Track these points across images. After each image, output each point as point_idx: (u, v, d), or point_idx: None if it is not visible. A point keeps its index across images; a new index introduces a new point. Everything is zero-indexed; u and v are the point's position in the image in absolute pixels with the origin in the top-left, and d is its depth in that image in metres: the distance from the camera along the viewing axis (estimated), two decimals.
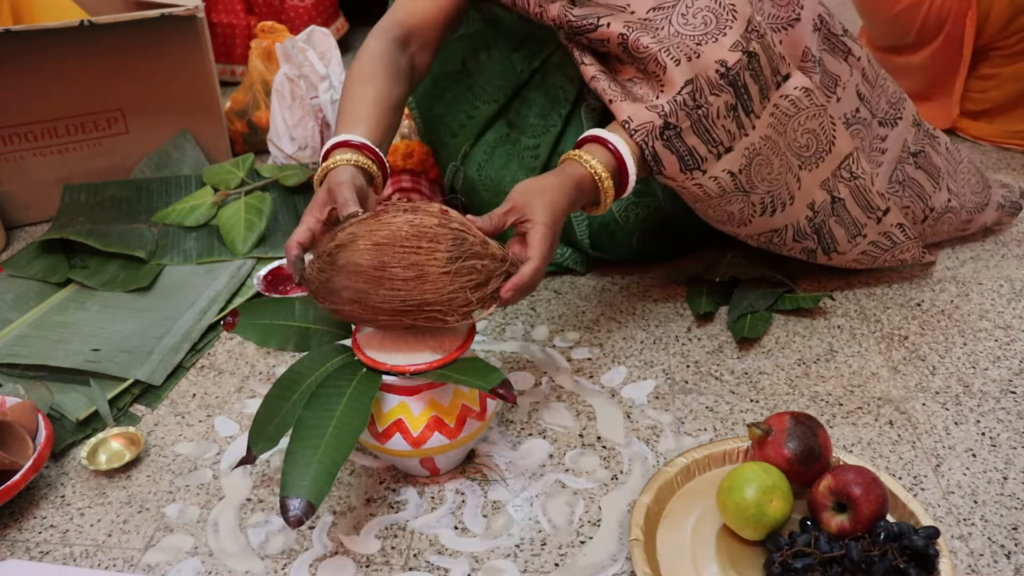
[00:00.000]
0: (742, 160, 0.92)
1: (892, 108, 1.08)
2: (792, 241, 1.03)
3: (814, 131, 0.96)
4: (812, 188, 0.99)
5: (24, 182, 1.33)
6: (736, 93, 0.89)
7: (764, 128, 0.92)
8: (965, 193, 1.16)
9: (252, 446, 0.76)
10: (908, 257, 1.09)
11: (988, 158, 1.49)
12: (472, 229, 0.78)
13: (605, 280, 1.18)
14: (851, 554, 0.69)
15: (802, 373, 0.99)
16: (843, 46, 1.01)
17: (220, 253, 1.24)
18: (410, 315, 0.75)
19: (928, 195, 1.10)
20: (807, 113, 0.94)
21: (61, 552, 0.79)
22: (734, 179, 0.93)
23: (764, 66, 0.90)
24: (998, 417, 0.91)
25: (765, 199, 0.96)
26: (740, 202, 0.95)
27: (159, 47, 1.32)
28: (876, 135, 1.06)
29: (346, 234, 0.76)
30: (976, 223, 1.19)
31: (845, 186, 1.00)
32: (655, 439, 0.90)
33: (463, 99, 1.13)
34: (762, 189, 0.95)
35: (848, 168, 0.99)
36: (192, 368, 1.03)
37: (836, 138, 0.97)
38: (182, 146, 1.41)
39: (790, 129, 0.94)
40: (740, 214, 0.97)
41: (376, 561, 0.77)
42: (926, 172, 1.10)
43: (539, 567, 0.76)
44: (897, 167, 1.08)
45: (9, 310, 1.12)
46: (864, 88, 1.04)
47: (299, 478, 0.70)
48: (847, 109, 1.02)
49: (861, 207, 1.02)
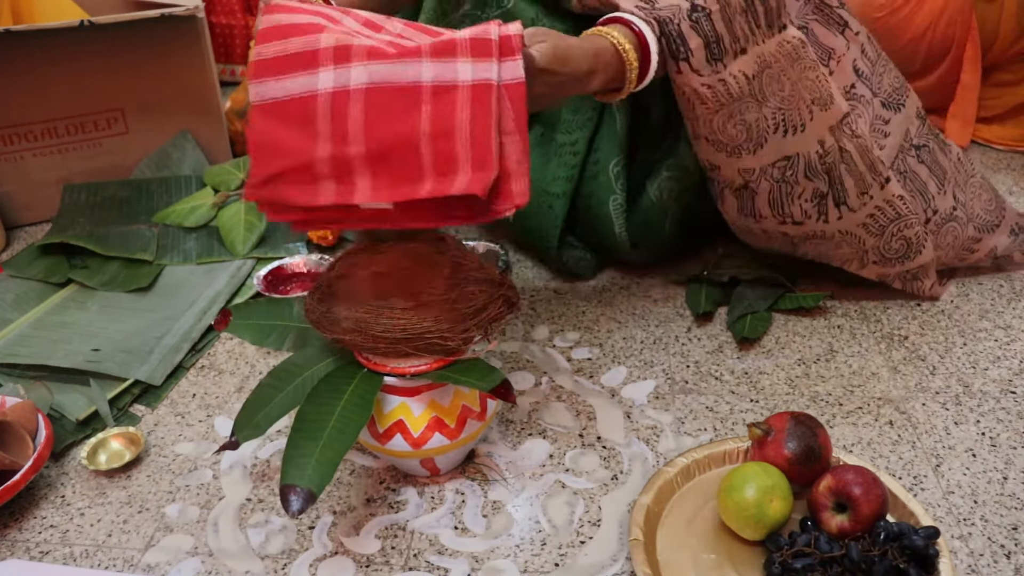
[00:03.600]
0: (754, 66, 0.88)
1: (895, 92, 1.05)
2: (804, 178, 0.97)
3: (813, 80, 0.93)
4: (822, 127, 0.95)
5: (24, 182, 1.33)
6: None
7: (773, 49, 0.90)
8: (974, 208, 1.10)
9: (236, 432, 0.76)
10: (912, 236, 1.02)
11: (998, 160, 1.49)
12: (469, 255, 0.78)
13: (605, 280, 1.18)
14: (851, 554, 0.69)
15: (802, 373, 0.99)
16: (839, 19, 0.99)
17: (220, 253, 1.24)
18: (411, 343, 0.74)
19: (931, 194, 1.07)
20: (804, 63, 0.92)
21: (61, 552, 0.79)
22: (749, 83, 0.88)
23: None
24: (998, 417, 0.91)
25: (777, 115, 0.92)
26: (755, 111, 0.90)
27: (159, 47, 1.32)
28: (879, 115, 1.02)
29: (345, 264, 0.77)
30: (985, 245, 1.12)
31: (849, 141, 0.97)
32: (655, 439, 0.90)
33: None
34: (774, 103, 0.91)
35: (849, 126, 0.96)
36: (192, 368, 1.03)
37: (833, 95, 0.95)
38: (182, 146, 1.41)
39: (797, 67, 0.92)
40: (756, 127, 0.92)
41: (376, 561, 0.77)
42: (929, 169, 1.07)
43: (539, 567, 0.76)
44: (899, 155, 1.04)
45: (9, 310, 1.12)
46: (863, 64, 1.01)
47: (300, 467, 0.69)
48: (841, 84, 1.00)
49: (866, 165, 0.98)
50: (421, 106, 0.67)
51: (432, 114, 0.67)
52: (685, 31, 0.84)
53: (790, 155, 0.95)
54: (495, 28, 0.70)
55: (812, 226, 1.01)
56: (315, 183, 0.68)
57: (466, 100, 0.67)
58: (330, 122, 0.67)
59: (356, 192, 0.68)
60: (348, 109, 0.67)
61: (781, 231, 1.03)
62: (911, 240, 1.02)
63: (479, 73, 0.67)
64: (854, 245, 1.03)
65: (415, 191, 0.67)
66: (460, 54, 0.68)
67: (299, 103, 0.68)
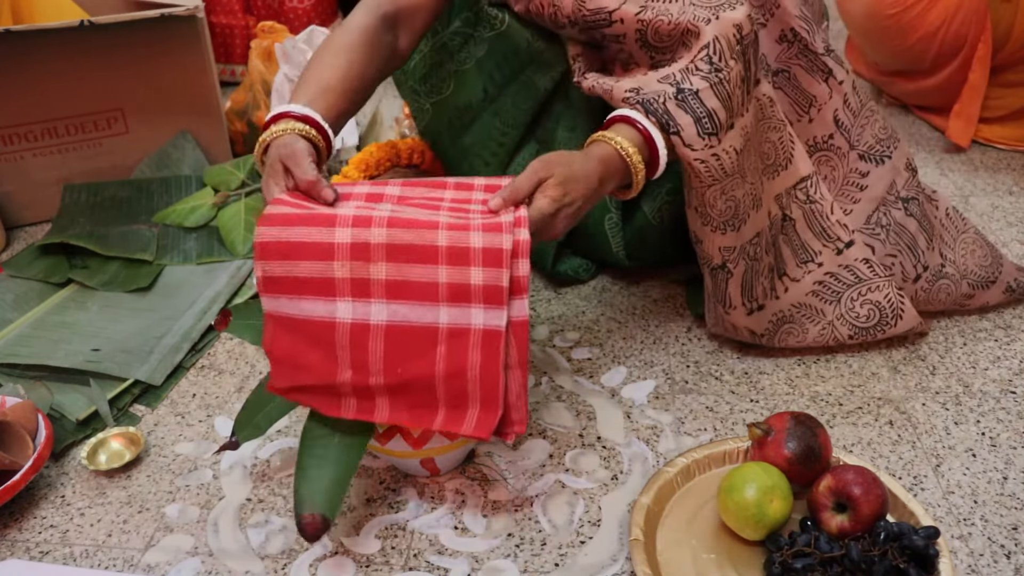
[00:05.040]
0: (740, 140, 0.88)
1: (879, 144, 1.02)
2: (765, 254, 0.96)
3: (774, 143, 0.93)
4: (768, 198, 0.95)
5: (24, 182, 1.33)
6: (745, 65, 0.86)
7: (751, 114, 0.90)
8: (968, 264, 1.05)
9: (237, 432, 0.77)
10: (883, 300, 0.98)
11: (999, 160, 1.49)
12: None
13: (605, 280, 1.18)
14: (851, 554, 0.69)
15: (802, 373, 0.99)
16: (823, 66, 0.97)
17: (220, 253, 1.24)
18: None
19: (921, 249, 1.02)
20: (770, 123, 0.93)
21: (61, 552, 0.79)
22: (737, 158, 0.88)
23: (756, 54, 0.88)
24: (998, 417, 0.91)
25: (749, 192, 0.91)
26: (740, 187, 0.90)
27: (159, 47, 1.32)
28: (854, 168, 1.01)
29: None
30: (977, 300, 1.06)
31: (799, 207, 0.96)
32: (655, 439, 0.90)
33: (490, 126, 1.10)
34: (750, 178, 0.91)
35: (804, 190, 0.95)
36: (192, 368, 1.03)
37: (794, 156, 0.94)
38: (182, 146, 1.40)
39: (760, 129, 0.92)
40: (742, 204, 0.91)
41: (376, 561, 0.77)
42: (918, 222, 1.02)
43: (539, 567, 0.76)
44: (880, 208, 1.01)
45: (9, 310, 1.12)
46: (844, 115, 0.99)
47: (312, 494, 0.73)
48: (819, 133, 0.99)
49: (814, 232, 0.97)
50: (437, 347, 0.73)
51: (447, 354, 0.73)
52: (671, 109, 0.83)
53: (760, 230, 0.94)
54: (507, 237, 0.72)
55: (771, 306, 0.98)
56: (338, 398, 0.74)
57: (477, 343, 0.72)
58: (350, 352, 0.73)
59: (376, 412, 0.74)
60: (368, 343, 0.73)
61: (747, 327, 0.99)
62: (882, 305, 0.98)
63: (490, 320, 0.72)
64: (814, 319, 0.99)
65: (430, 420, 0.74)
66: (474, 301, 0.72)
67: (318, 326, 0.73)
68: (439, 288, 0.72)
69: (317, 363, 0.73)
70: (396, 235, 0.71)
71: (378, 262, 0.72)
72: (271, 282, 0.72)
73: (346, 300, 0.72)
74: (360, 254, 0.72)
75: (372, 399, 0.74)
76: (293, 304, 0.73)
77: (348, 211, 0.73)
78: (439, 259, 0.72)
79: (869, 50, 1.62)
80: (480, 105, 1.09)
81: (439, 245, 0.71)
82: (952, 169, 1.45)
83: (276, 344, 0.73)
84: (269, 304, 0.73)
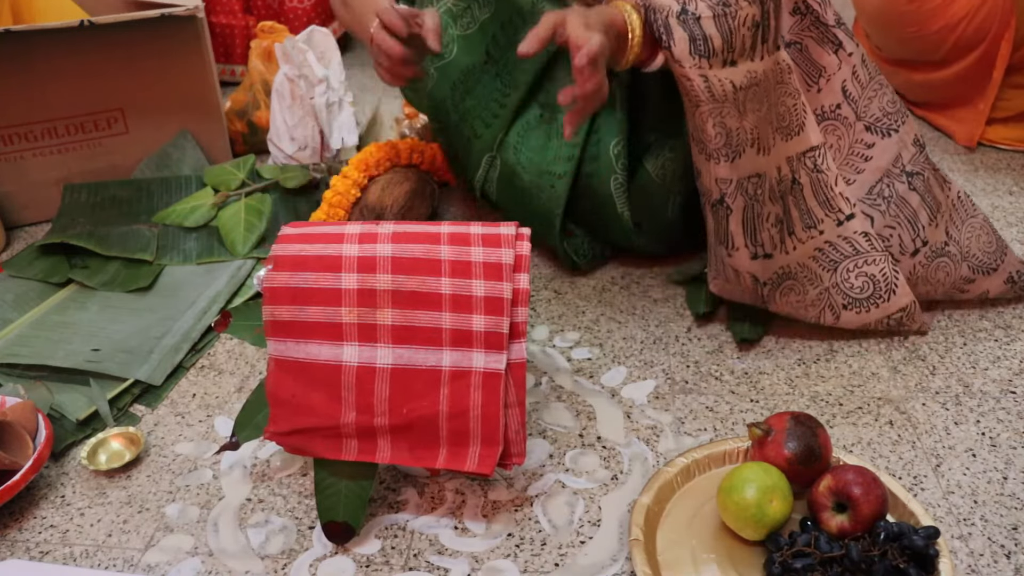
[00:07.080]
0: (744, 79, 0.89)
1: (886, 117, 1.03)
2: (768, 200, 0.97)
3: (788, 108, 0.95)
4: (780, 156, 0.96)
5: (24, 182, 1.33)
6: (763, 14, 0.88)
7: (765, 67, 0.91)
8: (971, 247, 1.06)
9: (237, 432, 0.79)
10: (878, 273, 0.99)
11: (999, 160, 1.49)
12: None
13: (605, 280, 1.18)
14: (851, 554, 0.69)
15: (802, 373, 0.99)
16: (834, 37, 0.99)
17: (220, 253, 1.24)
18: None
19: (922, 224, 1.03)
20: (786, 88, 0.94)
21: (61, 552, 0.79)
22: (735, 92, 0.89)
23: (778, 9, 0.90)
24: (998, 417, 0.91)
25: (753, 132, 0.92)
26: (735, 119, 0.91)
27: (159, 47, 1.32)
28: (859, 139, 1.02)
29: None
30: (977, 287, 1.07)
31: (807, 175, 0.97)
32: (655, 439, 0.90)
33: (492, 88, 1.12)
34: (751, 120, 0.92)
35: (812, 159, 0.97)
36: (192, 368, 1.03)
37: (806, 125, 0.96)
38: (182, 146, 1.40)
39: (779, 91, 0.93)
40: (736, 136, 0.92)
41: (376, 561, 0.77)
42: (921, 197, 1.03)
43: (539, 567, 0.76)
44: (884, 180, 1.02)
45: (9, 310, 1.12)
46: (852, 86, 1.01)
47: (333, 504, 0.77)
48: (827, 103, 1.00)
49: (819, 201, 0.98)
50: (440, 388, 0.76)
51: (450, 395, 0.76)
52: (671, 23, 0.86)
53: (761, 172, 0.95)
54: (507, 286, 0.76)
55: (779, 259, 0.98)
56: (340, 440, 0.77)
57: (478, 384, 0.76)
58: (356, 394, 0.75)
59: (378, 453, 0.77)
60: (374, 385, 0.75)
61: (751, 272, 0.99)
62: (876, 278, 0.99)
63: (491, 363, 0.76)
64: (814, 282, 1.00)
65: (432, 459, 0.77)
66: (476, 345, 0.76)
67: (324, 369, 0.75)
68: (443, 333, 0.76)
69: (321, 405, 0.76)
70: (401, 282, 0.75)
71: (384, 308, 0.75)
72: (278, 326, 0.75)
73: (352, 344, 0.75)
74: (367, 300, 0.75)
75: (374, 439, 0.77)
76: (300, 348, 0.75)
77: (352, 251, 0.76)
78: (443, 306, 0.75)
79: (878, 36, 1.57)
80: (483, 68, 1.11)
81: (443, 293, 0.75)
82: (952, 169, 1.45)
83: (279, 387, 0.76)
84: (275, 348, 0.76)
